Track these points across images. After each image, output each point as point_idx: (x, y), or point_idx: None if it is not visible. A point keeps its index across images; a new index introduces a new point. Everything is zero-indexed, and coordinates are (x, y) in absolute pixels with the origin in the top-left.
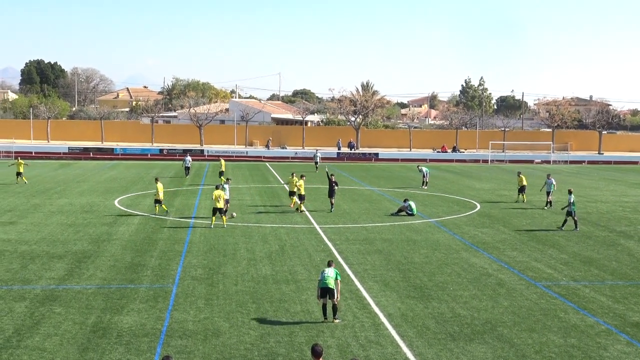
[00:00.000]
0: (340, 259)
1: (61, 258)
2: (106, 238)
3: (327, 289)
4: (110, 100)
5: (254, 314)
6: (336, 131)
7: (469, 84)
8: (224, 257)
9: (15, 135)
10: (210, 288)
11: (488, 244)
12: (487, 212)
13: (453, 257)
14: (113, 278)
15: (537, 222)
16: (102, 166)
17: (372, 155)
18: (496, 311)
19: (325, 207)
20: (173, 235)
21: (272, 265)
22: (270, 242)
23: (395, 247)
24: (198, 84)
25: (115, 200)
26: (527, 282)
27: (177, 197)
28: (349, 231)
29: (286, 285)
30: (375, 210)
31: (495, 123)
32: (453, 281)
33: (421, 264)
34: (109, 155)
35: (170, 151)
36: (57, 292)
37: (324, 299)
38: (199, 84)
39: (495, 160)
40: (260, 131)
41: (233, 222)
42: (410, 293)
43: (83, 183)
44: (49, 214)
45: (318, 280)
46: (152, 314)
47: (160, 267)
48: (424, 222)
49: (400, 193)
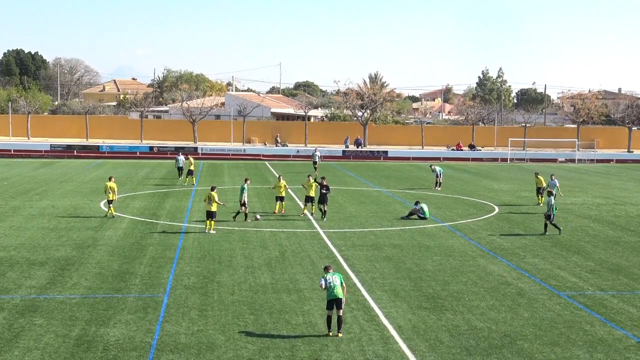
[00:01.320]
0: (346, 266)
1: (42, 265)
2: (91, 243)
3: (335, 300)
4: (96, 94)
5: (252, 326)
6: (342, 127)
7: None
8: (219, 264)
9: None
10: (204, 298)
11: (507, 250)
12: (506, 216)
13: (469, 265)
14: (99, 287)
15: (560, 226)
16: (87, 165)
17: (380, 153)
18: (516, 323)
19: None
20: (164, 240)
21: (271, 273)
22: (270, 248)
23: (406, 253)
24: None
25: (102, 203)
26: (549, 292)
27: (169, 199)
28: (355, 236)
29: (287, 294)
30: (384, 214)
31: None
32: (469, 291)
33: (434, 272)
34: (95, 154)
35: (161, 149)
36: (38, 302)
37: (330, 310)
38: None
39: (515, 159)
40: (259, 127)
41: (229, 227)
42: (422, 303)
43: (66, 183)
44: (29, 217)
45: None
46: (141, 326)
47: (150, 275)
48: (438, 226)
49: (412, 195)
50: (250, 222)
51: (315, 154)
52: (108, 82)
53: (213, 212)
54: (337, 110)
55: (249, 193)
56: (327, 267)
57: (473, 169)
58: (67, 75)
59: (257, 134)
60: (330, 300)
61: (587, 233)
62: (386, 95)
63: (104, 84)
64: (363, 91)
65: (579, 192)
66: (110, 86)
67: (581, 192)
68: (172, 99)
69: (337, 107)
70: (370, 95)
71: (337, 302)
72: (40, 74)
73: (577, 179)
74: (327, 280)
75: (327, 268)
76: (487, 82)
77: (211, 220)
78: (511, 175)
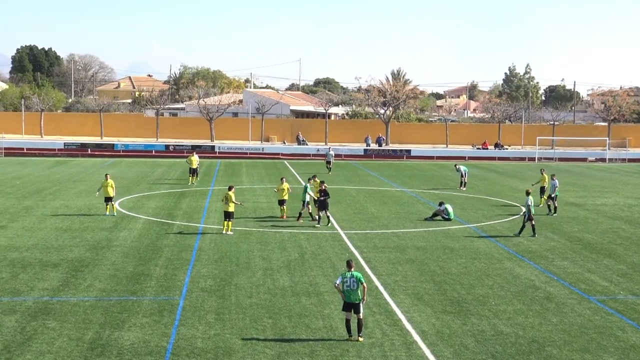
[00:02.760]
0: (368, 269)
1: (55, 266)
2: (106, 244)
3: (352, 304)
4: (111, 91)
5: (271, 331)
6: (363, 125)
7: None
8: (236, 267)
9: (5, 130)
10: (221, 301)
11: (535, 252)
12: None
13: (495, 268)
14: (113, 289)
15: (590, 228)
16: (102, 164)
17: (403, 152)
18: (544, 329)
19: (349, 213)
20: (180, 241)
21: (290, 276)
22: (289, 250)
23: (430, 255)
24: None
25: (116, 203)
26: (579, 296)
27: (185, 199)
28: (377, 237)
29: (307, 298)
30: (407, 214)
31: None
32: (495, 294)
33: (459, 275)
34: (109, 152)
35: (177, 147)
36: (51, 304)
37: (348, 312)
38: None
39: (543, 159)
40: (277, 125)
41: (247, 228)
42: (447, 308)
43: (80, 183)
44: (42, 218)
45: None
46: (156, 330)
47: (165, 277)
48: (463, 227)
49: (436, 195)
50: (268, 223)
51: (329, 154)
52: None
53: (230, 212)
54: (359, 107)
55: None
56: (349, 263)
57: (499, 169)
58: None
59: (276, 132)
60: (347, 303)
61: (619, 235)
62: (409, 92)
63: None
64: (385, 88)
65: (610, 192)
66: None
67: (612, 193)
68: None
69: (359, 105)
70: (393, 92)
71: (354, 306)
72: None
73: (608, 178)
74: (344, 281)
75: (349, 264)
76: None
77: (229, 221)
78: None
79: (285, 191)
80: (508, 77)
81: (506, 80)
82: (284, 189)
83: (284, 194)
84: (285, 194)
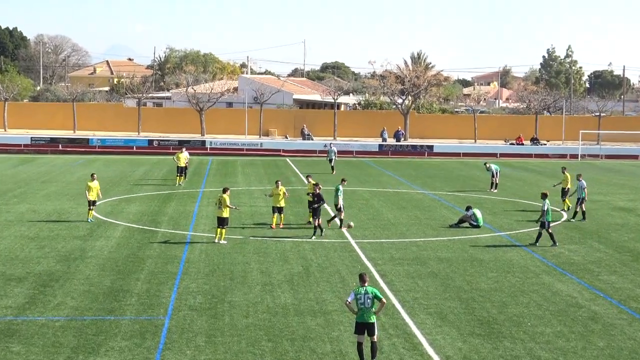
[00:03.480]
0: (383, 284)
1: (21, 281)
2: (79, 255)
3: (366, 324)
4: (86, 77)
5: (270, 355)
6: (378, 117)
7: (553, 56)
8: (231, 281)
9: None
10: (213, 321)
11: (578, 265)
12: (576, 224)
13: (531, 283)
14: (87, 307)
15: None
16: (75, 162)
17: (424, 148)
18: (589, 354)
19: (361, 218)
20: (165, 252)
21: (293, 292)
22: (292, 262)
23: (455, 269)
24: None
25: None
26: (629, 316)
27: (171, 203)
28: (394, 247)
29: (312, 318)
30: (429, 221)
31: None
32: (531, 314)
33: (489, 292)
34: (84, 148)
35: (162, 143)
36: (15, 325)
37: (360, 335)
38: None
39: (588, 156)
40: (278, 117)
41: (242, 236)
42: (475, 329)
43: (50, 184)
44: (6, 224)
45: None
46: (137, 355)
47: (148, 293)
48: (493, 236)
49: (462, 198)
50: (268, 230)
51: (332, 150)
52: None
53: (224, 218)
54: (373, 96)
55: None
56: (362, 277)
57: (536, 168)
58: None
59: (277, 124)
60: (359, 323)
61: None
62: (431, 78)
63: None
64: (404, 74)
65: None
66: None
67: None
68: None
69: (373, 93)
70: (413, 79)
71: (368, 327)
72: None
73: None
74: (357, 297)
75: (362, 277)
76: (554, 63)
77: (222, 228)
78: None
79: (281, 196)
80: (546, 61)
81: (544, 65)
82: (279, 193)
83: (280, 200)
84: (281, 200)
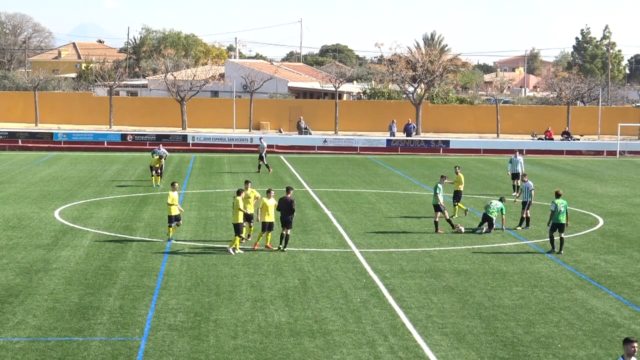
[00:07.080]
0: (392, 301)
1: None
2: (42, 267)
3: None
4: (49, 62)
5: None
6: (386, 107)
7: (587, 37)
8: (216, 297)
9: None
10: (196, 342)
11: (616, 278)
12: (614, 230)
13: (562, 298)
14: (52, 327)
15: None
16: (37, 160)
17: (439, 143)
18: None
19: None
20: (141, 263)
21: (288, 309)
22: (286, 274)
23: (475, 282)
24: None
25: (56, 211)
26: None
27: (147, 207)
28: (404, 258)
29: (310, 339)
30: (444, 227)
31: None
32: (562, 334)
33: (514, 309)
34: (47, 144)
35: (137, 138)
36: None
37: None
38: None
39: (627, 152)
40: (271, 107)
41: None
42: (497, 352)
43: (8, 185)
44: None
45: None
46: None
47: (122, 310)
48: (518, 244)
49: (482, 200)
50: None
51: (262, 145)
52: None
53: (239, 224)
54: (380, 84)
55: None
56: None
57: (568, 166)
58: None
59: (269, 117)
60: None
61: None
62: (447, 63)
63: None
64: (415, 58)
65: None
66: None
67: None
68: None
69: (380, 81)
70: (426, 64)
71: None
72: None
73: None
74: None
75: None
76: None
77: (237, 236)
78: (621, 174)
79: (251, 199)
80: (580, 43)
81: (577, 48)
82: (269, 206)
83: (269, 212)
84: (270, 212)
